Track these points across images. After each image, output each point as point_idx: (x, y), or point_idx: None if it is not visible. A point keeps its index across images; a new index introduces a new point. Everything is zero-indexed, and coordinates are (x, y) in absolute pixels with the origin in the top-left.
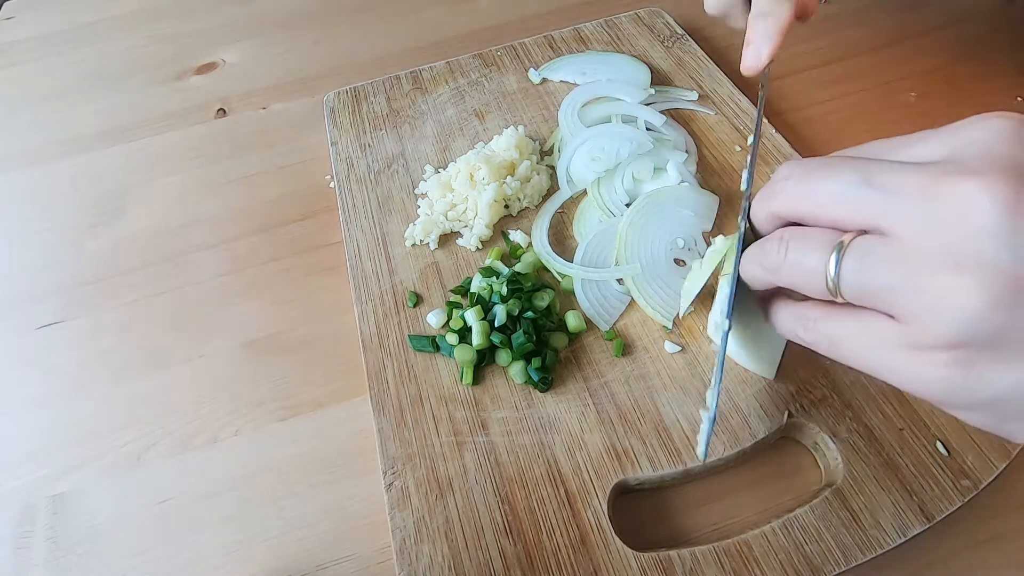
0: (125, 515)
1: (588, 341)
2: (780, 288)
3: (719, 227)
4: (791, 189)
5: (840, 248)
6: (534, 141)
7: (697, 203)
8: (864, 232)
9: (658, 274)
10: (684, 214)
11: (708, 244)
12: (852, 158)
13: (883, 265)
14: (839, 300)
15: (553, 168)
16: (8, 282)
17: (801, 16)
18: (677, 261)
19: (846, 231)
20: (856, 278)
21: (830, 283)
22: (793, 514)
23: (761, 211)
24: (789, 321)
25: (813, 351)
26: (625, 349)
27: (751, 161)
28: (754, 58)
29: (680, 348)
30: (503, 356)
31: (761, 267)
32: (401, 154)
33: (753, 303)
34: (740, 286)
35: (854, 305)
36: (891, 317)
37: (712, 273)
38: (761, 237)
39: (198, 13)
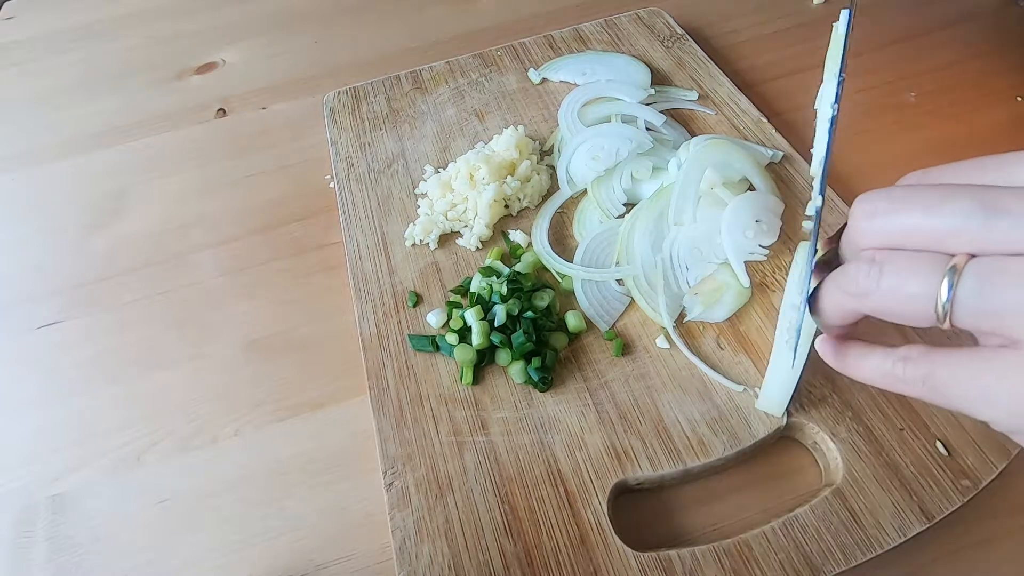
0: (125, 515)
1: (588, 341)
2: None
3: None
4: (883, 227)
5: (953, 271)
6: (534, 141)
7: None
8: (972, 256)
9: (659, 275)
10: None
11: None
12: (951, 185)
13: (1019, 284)
14: (944, 327)
15: (553, 168)
16: (8, 282)
17: None
18: None
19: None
20: (979, 300)
21: (940, 308)
22: (793, 514)
23: (847, 255)
24: (888, 362)
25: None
26: (625, 349)
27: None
28: None
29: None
30: (503, 356)
31: (845, 293)
32: (401, 154)
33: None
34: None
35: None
36: (1005, 347)
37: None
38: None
39: (198, 13)
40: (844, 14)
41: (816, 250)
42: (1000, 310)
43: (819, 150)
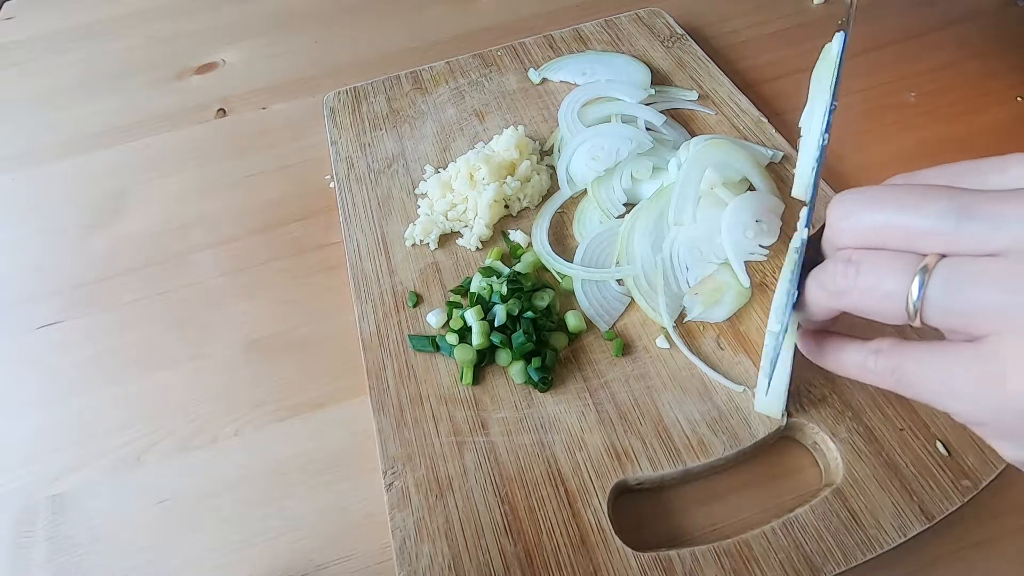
0: (125, 515)
1: (588, 341)
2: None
3: None
4: (859, 226)
5: (924, 271)
6: (534, 141)
7: None
8: (943, 256)
9: (659, 275)
10: None
11: None
12: (928, 186)
13: (985, 284)
14: (915, 324)
15: (553, 168)
16: (8, 282)
17: None
18: None
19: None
20: (947, 299)
21: (911, 307)
22: (793, 514)
23: (827, 254)
24: (860, 355)
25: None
26: (625, 349)
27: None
28: None
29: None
30: (503, 356)
31: (823, 290)
32: (401, 154)
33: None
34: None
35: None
36: (970, 341)
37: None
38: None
39: (198, 13)
40: (838, 37)
41: (799, 279)
42: (966, 309)
43: (804, 176)
